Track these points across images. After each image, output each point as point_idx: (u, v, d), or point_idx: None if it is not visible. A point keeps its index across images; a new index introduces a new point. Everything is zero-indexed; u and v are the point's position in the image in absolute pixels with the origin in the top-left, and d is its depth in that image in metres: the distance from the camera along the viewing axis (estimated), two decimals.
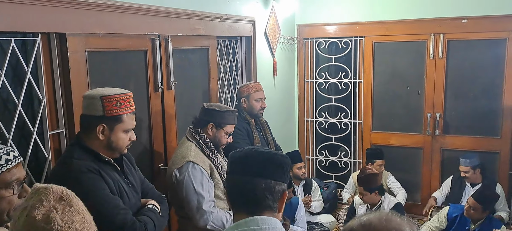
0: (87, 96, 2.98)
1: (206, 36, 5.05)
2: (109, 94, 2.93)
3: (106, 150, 2.99)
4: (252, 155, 2.11)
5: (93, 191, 2.76)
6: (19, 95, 3.13)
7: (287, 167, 2.13)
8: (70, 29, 3.31)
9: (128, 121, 3.02)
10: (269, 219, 2.02)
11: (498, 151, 6.71)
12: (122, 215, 2.83)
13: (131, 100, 3.07)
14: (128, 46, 4.03)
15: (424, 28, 6.73)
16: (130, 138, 3.07)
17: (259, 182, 2.04)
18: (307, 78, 7.58)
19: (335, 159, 7.79)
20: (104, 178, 2.88)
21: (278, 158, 2.10)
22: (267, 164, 2.07)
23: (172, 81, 4.53)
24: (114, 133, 2.97)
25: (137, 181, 3.27)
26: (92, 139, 2.95)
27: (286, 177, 2.12)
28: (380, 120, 7.40)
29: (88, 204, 2.59)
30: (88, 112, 2.96)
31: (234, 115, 4.13)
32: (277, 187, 2.06)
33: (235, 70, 5.88)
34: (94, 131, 2.93)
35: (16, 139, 3.15)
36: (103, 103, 2.90)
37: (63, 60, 3.38)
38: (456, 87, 6.82)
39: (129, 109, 3.03)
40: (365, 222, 1.76)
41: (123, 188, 3.02)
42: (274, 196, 2.06)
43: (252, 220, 2.01)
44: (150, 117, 4.35)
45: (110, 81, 3.82)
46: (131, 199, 3.07)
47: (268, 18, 6.26)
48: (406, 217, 1.83)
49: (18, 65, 3.16)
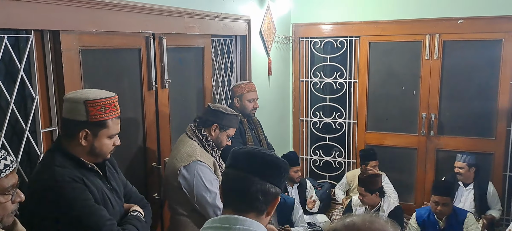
0: (70, 100, 2.81)
1: (201, 35, 5.03)
2: (93, 99, 2.76)
3: (88, 156, 2.83)
4: (255, 154, 2.10)
5: (78, 202, 2.63)
6: (12, 93, 3.10)
7: (285, 173, 2.13)
8: (63, 26, 3.29)
9: (113, 126, 2.86)
10: (251, 221, 1.99)
11: (492, 152, 6.71)
12: (108, 226, 2.70)
13: (116, 104, 2.92)
14: (122, 44, 4.01)
15: (420, 29, 6.73)
16: (114, 143, 2.92)
17: (255, 181, 2.03)
18: (302, 77, 7.57)
19: (329, 159, 7.78)
20: (88, 187, 2.73)
21: (278, 163, 2.10)
22: (267, 166, 2.06)
23: (166, 79, 4.50)
24: (98, 138, 2.81)
25: (119, 185, 3.13)
26: (74, 144, 2.78)
27: (282, 182, 2.11)
28: (374, 120, 7.39)
29: (73, 216, 2.59)
30: (70, 117, 2.79)
31: (238, 119, 4.19)
32: (272, 190, 2.04)
33: (230, 69, 5.86)
34: (76, 136, 2.76)
35: (8, 137, 3.13)
36: (87, 108, 2.74)
37: (56, 57, 3.35)
38: (451, 88, 6.81)
39: (114, 114, 2.86)
40: (348, 223, 1.77)
41: (107, 196, 2.88)
42: (266, 198, 2.04)
43: (236, 219, 1.99)
44: (143, 115, 4.33)
45: (103, 79, 3.82)
46: (115, 206, 2.94)
47: (263, 17, 6.25)
48: (390, 220, 1.84)
49: (10, 63, 3.14)
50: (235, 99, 5.16)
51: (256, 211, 2.04)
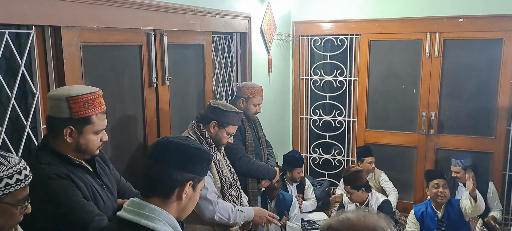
0: (52, 97, 2.77)
1: (202, 32, 5.03)
2: (75, 95, 2.72)
3: (75, 152, 2.80)
4: (162, 142, 2.25)
5: (64, 198, 2.59)
6: (13, 88, 3.10)
7: (192, 158, 2.19)
8: (64, 22, 3.29)
9: (98, 121, 2.82)
10: (154, 208, 2.10)
11: (492, 151, 6.72)
12: (97, 221, 2.62)
13: (101, 99, 2.87)
14: (123, 40, 4.00)
15: (421, 27, 6.73)
16: (101, 138, 2.89)
17: (158, 166, 2.13)
18: (302, 75, 7.57)
19: (329, 157, 7.79)
20: (76, 183, 2.69)
21: (186, 150, 2.18)
22: (171, 152, 2.16)
23: (167, 76, 4.50)
24: (83, 135, 2.77)
25: (112, 181, 3.10)
26: (59, 142, 2.75)
27: (192, 168, 2.17)
28: (374, 119, 7.39)
29: (60, 212, 2.57)
30: (54, 114, 2.76)
31: (239, 117, 4.17)
32: (175, 176, 2.12)
33: (230, 67, 5.86)
34: (61, 133, 2.73)
35: (8, 132, 3.12)
36: (69, 104, 2.70)
37: (57, 53, 3.35)
38: (451, 87, 6.82)
39: (98, 109, 2.82)
40: (343, 218, 1.81)
41: (97, 191, 2.84)
42: (170, 184, 2.13)
43: (140, 203, 2.12)
44: (144, 112, 4.33)
45: (104, 76, 3.83)
46: (106, 201, 2.89)
47: (264, 14, 6.25)
48: (383, 214, 1.88)
49: (11, 58, 3.13)
50: (241, 100, 5.14)
51: (160, 196, 2.13)
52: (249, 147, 4.96)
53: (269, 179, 5.15)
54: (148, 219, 2.05)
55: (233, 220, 3.99)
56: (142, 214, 2.06)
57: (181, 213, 2.22)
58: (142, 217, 2.05)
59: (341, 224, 1.79)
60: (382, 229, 1.74)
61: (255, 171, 4.92)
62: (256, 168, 4.92)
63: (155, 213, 2.07)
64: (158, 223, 2.05)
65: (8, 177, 2.15)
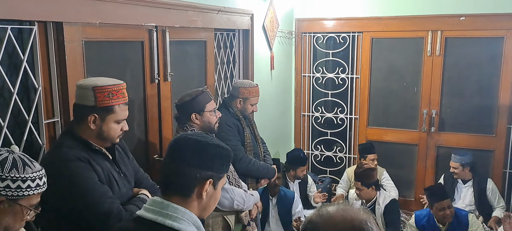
0: (80, 86, 2.97)
1: (204, 29, 5.05)
2: (101, 85, 2.91)
3: (97, 139, 2.98)
4: (179, 140, 2.17)
5: (81, 179, 2.78)
6: (15, 84, 3.13)
7: (211, 155, 2.13)
8: (67, 18, 3.31)
9: (120, 111, 3.00)
10: (177, 208, 2.05)
11: (492, 149, 6.74)
12: (109, 203, 2.81)
13: (124, 91, 3.04)
14: (125, 36, 4.03)
15: (422, 25, 6.74)
16: (122, 128, 3.05)
17: (176, 166, 2.09)
18: (305, 72, 7.59)
19: (331, 154, 7.81)
20: (93, 167, 2.88)
21: (204, 147, 2.12)
22: (189, 151, 2.10)
23: (168, 72, 4.52)
24: (106, 123, 2.95)
25: (130, 170, 3.25)
26: (83, 128, 2.94)
27: (210, 165, 2.12)
28: (376, 116, 7.41)
29: (76, 192, 2.74)
30: (80, 102, 2.95)
31: (206, 92, 4.13)
32: (194, 174, 2.08)
33: (233, 63, 5.88)
34: (85, 120, 2.92)
35: (11, 127, 3.15)
36: (95, 93, 2.89)
37: (59, 49, 3.38)
38: (452, 85, 6.84)
39: (121, 100, 3.00)
40: (322, 212, 1.82)
41: (114, 177, 3.01)
42: (190, 182, 2.09)
43: (162, 203, 2.07)
44: (146, 108, 4.35)
45: (106, 71, 3.80)
46: (122, 188, 3.06)
47: (266, 11, 6.26)
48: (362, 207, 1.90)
49: (14, 54, 3.16)
50: (238, 100, 5.02)
51: (180, 195, 2.09)
52: (247, 146, 4.93)
53: (268, 178, 5.13)
54: (172, 219, 2.01)
55: (247, 205, 4.08)
56: (166, 214, 2.02)
57: (203, 212, 2.18)
58: (166, 217, 2.01)
59: (321, 218, 1.80)
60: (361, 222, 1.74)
61: (256, 171, 4.90)
62: (256, 168, 4.90)
63: (179, 213, 2.03)
64: (182, 223, 2.02)
65: (31, 179, 2.24)
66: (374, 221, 1.81)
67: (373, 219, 1.82)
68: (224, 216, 4.02)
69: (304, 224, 1.87)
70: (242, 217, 4.15)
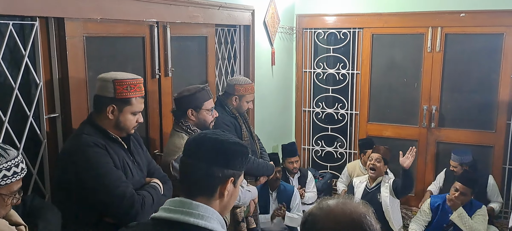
0: (101, 79, 3.18)
1: (205, 24, 5.07)
2: (121, 78, 3.14)
3: (114, 129, 3.18)
4: (201, 140, 2.14)
5: (97, 163, 2.96)
6: (16, 79, 3.16)
7: (232, 153, 2.11)
8: (68, 14, 3.35)
9: (136, 104, 3.21)
10: (205, 207, 2.02)
11: (492, 144, 6.76)
12: (123, 187, 3.00)
13: (141, 86, 3.27)
14: (126, 32, 4.06)
15: (423, 21, 6.77)
16: (137, 119, 3.26)
17: (200, 166, 2.06)
18: (305, 68, 7.61)
19: (331, 149, 7.83)
20: (110, 153, 3.07)
21: (225, 146, 2.10)
22: (211, 150, 2.08)
23: (169, 68, 4.55)
24: (123, 113, 3.16)
25: (143, 160, 3.45)
26: (102, 117, 3.15)
27: (233, 164, 2.10)
28: (376, 112, 7.44)
29: (92, 175, 2.92)
30: (101, 93, 3.16)
31: (206, 91, 4.11)
32: (217, 173, 2.06)
33: (233, 59, 5.90)
34: (104, 110, 3.12)
35: (12, 122, 3.18)
36: (114, 86, 3.10)
37: (60, 44, 3.41)
38: (452, 81, 6.85)
39: (138, 94, 3.22)
40: (323, 206, 1.87)
41: (128, 165, 3.20)
42: (213, 182, 2.07)
43: (190, 203, 2.02)
44: (146, 103, 4.34)
45: (107, 67, 3.82)
46: (135, 175, 3.25)
47: (267, 7, 6.28)
48: (362, 201, 1.93)
49: (15, 49, 3.20)
50: (234, 98, 4.95)
51: (205, 195, 2.06)
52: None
53: (267, 175, 5.11)
54: (204, 219, 1.98)
55: (243, 200, 4.11)
56: (197, 214, 1.98)
57: (224, 210, 2.15)
58: (198, 217, 1.98)
59: (321, 211, 1.85)
60: (359, 215, 1.78)
61: (256, 169, 4.83)
62: (256, 167, 4.83)
63: (208, 212, 2.01)
64: (213, 222, 2.00)
65: (7, 169, 2.28)
66: (373, 214, 1.85)
67: (372, 212, 1.86)
68: None
69: (305, 217, 1.91)
70: (237, 212, 4.15)
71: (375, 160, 5.76)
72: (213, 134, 2.17)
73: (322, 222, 1.81)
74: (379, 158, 5.74)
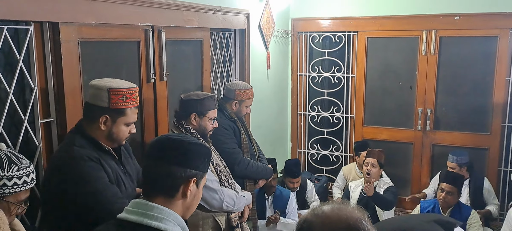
0: (94, 86, 3.03)
1: (200, 28, 5.06)
2: (116, 88, 2.99)
3: (106, 140, 3.04)
4: (161, 140, 2.17)
5: (93, 179, 2.83)
6: (11, 84, 3.15)
7: (193, 154, 2.12)
8: (63, 18, 3.33)
9: (131, 114, 3.09)
10: (161, 208, 2.03)
11: (487, 147, 6.77)
12: (120, 203, 2.79)
13: (137, 95, 3.14)
14: (121, 36, 4.05)
15: (417, 24, 6.78)
16: (130, 130, 3.14)
17: (158, 165, 2.08)
18: (301, 72, 7.61)
19: (327, 152, 7.83)
20: (104, 167, 2.94)
21: (184, 146, 2.11)
22: (171, 149, 2.09)
23: (164, 72, 4.54)
24: (116, 125, 3.03)
25: (133, 170, 3.34)
26: (93, 128, 3.00)
27: (195, 164, 2.11)
28: (372, 115, 7.44)
29: (87, 191, 2.77)
30: (93, 102, 3.02)
31: (214, 100, 4.13)
32: (178, 173, 2.06)
33: (229, 63, 5.90)
34: (97, 120, 2.99)
35: (6, 127, 3.17)
36: (109, 95, 2.96)
37: (55, 49, 3.40)
38: (447, 84, 6.87)
39: (133, 104, 3.09)
40: (318, 211, 1.85)
41: (121, 177, 3.08)
42: (173, 181, 2.07)
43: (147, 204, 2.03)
44: (142, 107, 4.35)
45: (102, 71, 3.82)
46: (128, 188, 3.13)
47: (262, 11, 6.28)
48: (357, 206, 1.92)
49: (10, 53, 3.18)
50: (234, 103, 4.97)
51: (164, 195, 2.07)
52: (244, 148, 4.90)
53: (266, 178, 5.10)
54: (158, 220, 1.98)
55: (237, 206, 4.07)
56: (151, 215, 1.98)
57: (186, 212, 2.16)
58: (152, 218, 1.98)
59: (316, 217, 1.83)
60: (356, 220, 1.77)
61: (255, 173, 4.86)
62: (255, 170, 4.85)
63: (164, 213, 2.00)
64: (168, 224, 1.99)
65: (18, 177, 2.27)
66: (368, 219, 1.84)
67: (367, 217, 1.84)
68: (214, 217, 4.01)
69: (300, 224, 1.89)
70: (231, 217, 4.14)
71: (370, 165, 5.77)
72: (175, 136, 2.20)
73: (318, 228, 1.80)
74: (374, 163, 5.76)
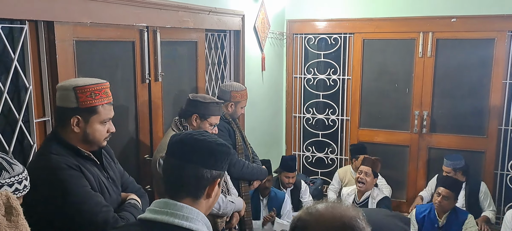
0: (60, 88, 2.85)
1: (195, 29, 5.03)
2: (82, 85, 2.79)
3: (83, 143, 2.85)
4: (187, 140, 2.10)
5: (74, 188, 2.65)
6: (5, 83, 3.11)
7: (222, 155, 2.10)
8: (58, 17, 3.30)
9: (104, 111, 2.87)
10: (189, 208, 2.01)
11: (483, 150, 6.76)
12: (104, 212, 2.72)
13: (107, 91, 2.93)
14: (116, 36, 4.02)
15: (414, 26, 6.76)
16: (108, 129, 2.94)
17: (187, 167, 2.04)
18: (296, 74, 7.59)
19: (322, 155, 7.81)
20: (85, 174, 2.76)
21: (212, 147, 2.08)
22: (198, 151, 2.06)
23: (159, 73, 4.51)
24: (90, 124, 2.82)
25: (117, 175, 3.15)
26: (68, 131, 2.81)
27: (219, 165, 2.09)
28: (367, 117, 7.42)
29: (69, 202, 2.63)
30: (62, 104, 2.83)
31: (219, 106, 4.13)
32: (205, 175, 2.05)
33: (223, 64, 5.87)
34: (68, 123, 2.79)
35: (1, 126, 3.14)
36: (76, 94, 2.77)
37: (50, 48, 3.36)
38: (444, 86, 6.86)
39: (105, 100, 2.88)
40: (312, 210, 1.83)
41: (104, 184, 2.91)
42: (200, 183, 2.05)
43: (175, 204, 2.01)
44: (136, 107, 4.34)
45: (97, 71, 3.81)
46: (112, 194, 2.96)
47: (257, 12, 6.26)
48: (352, 205, 1.91)
49: (4, 53, 3.14)
50: (230, 104, 4.97)
51: (191, 196, 2.05)
52: (239, 149, 4.89)
53: (261, 179, 5.10)
54: (188, 220, 1.97)
55: (223, 210, 4.00)
56: (182, 215, 1.97)
57: (208, 211, 2.15)
58: (182, 218, 1.97)
59: (310, 216, 1.81)
60: (350, 219, 1.76)
61: (250, 174, 4.83)
62: (250, 171, 4.82)
63: (194, 214, 2.00)
64: (198, 224, 1.99)
65: (9, 184, 2.19)
66: (363, 217, 1.81)
67: (362, 215, 1.82)
68: None
69: (294, 222, 1.87)
70: (217, 222, 4.08)
71: (364, 173, 5.75)
72: (199, 135, 2.14)
73: (312, 227, 1.78)
74: (368, 171, 5.73)
